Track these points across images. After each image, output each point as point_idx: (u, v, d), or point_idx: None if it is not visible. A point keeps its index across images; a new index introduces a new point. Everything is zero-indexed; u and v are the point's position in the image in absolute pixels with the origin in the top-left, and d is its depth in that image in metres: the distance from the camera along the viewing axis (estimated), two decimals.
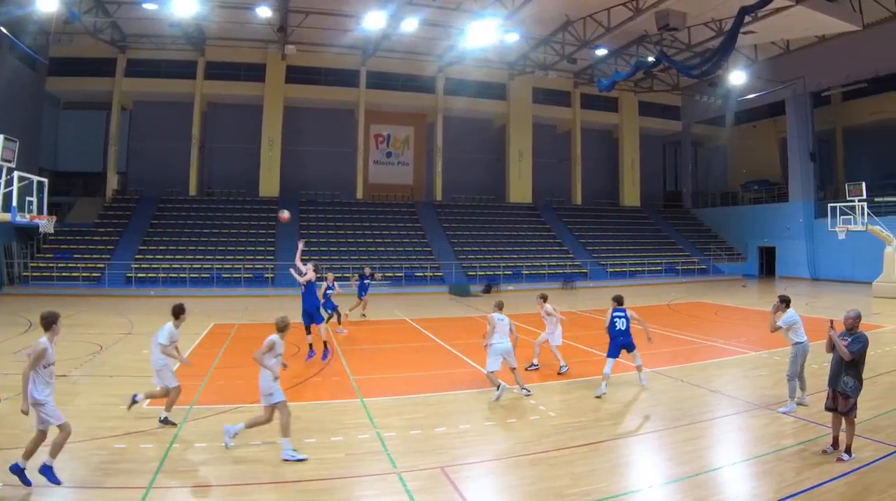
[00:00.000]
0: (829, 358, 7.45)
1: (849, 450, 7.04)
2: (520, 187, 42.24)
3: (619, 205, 45.87)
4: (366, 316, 20.11)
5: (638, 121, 45.96)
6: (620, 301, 10.84)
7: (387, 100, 39.95)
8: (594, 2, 28.80)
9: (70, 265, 28.25)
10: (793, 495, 6.13)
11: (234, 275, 29.65)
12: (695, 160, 49.82)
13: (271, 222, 34.60)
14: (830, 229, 28.34)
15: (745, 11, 24.79)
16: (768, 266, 40.95)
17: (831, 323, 7.39)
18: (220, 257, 30.63)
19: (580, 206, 44.12)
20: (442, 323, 20.25)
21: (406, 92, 40.01)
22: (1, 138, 15.72)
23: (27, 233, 28.53)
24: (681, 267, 38.06)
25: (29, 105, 31.78)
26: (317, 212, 36.50)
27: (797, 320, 9.20)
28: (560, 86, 42.53)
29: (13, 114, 28.40)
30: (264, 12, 29.12)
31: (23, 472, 6.02)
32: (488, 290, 30.73)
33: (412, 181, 42.90)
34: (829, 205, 28.93)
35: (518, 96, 41.80)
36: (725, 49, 27.01)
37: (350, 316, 19.13)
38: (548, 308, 12.43)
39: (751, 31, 29.11)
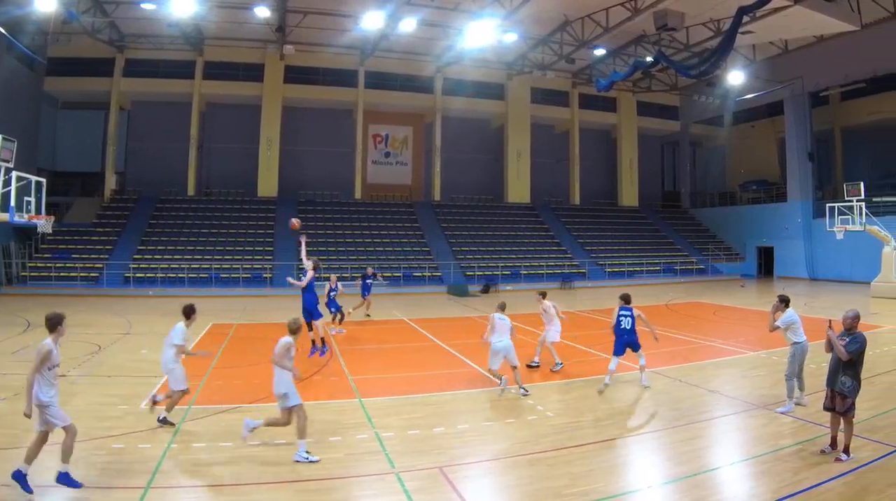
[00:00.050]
0: (828, 357, 7.48)
1: (847, 450, 7.05)
2: (518, 187, 42.25)
3: (617, 205, 45.89)
4: (370, 316, 20.11)
5: (636, 121, 45.95)
6: (627, 299, 10.88)
7: (385, 101, 39.94)
8: (592, 2, 28.82)
9: (68, 265, 28.22)
10: (791, 495, 6.14)
11: (233, 275, 29.63)
12: (693, 160, 49.84)
13: (270, 222, 34.63)
14: (829, 229, 28.39)
15: (743, 11, 24.81)
16: (766, 266, 40.97)
17: (830, 323, 7.42)
18: (219, 257, 30.59)
19: (578, 206, 44.13)
20: (440, 323, 20.25)
21: (404, 92, 40.00)
22: None
23: (25, 233, 28.52)
24: (679, 268, 38.08)
25: (27, 105, 31.75)
26: (315, 212, 36.45)
27: (796, 320, 9.21)
28: (558, 87, 42.53)
29: (11, 114, 28.37)
30: (263, 12, 29.09)
31: (24, 478, 5.87)
32: (487, 290, 30.73)
33: (410, 181, 42.90)
34: (828, 205, 28.98)
35: (516, 96, 41.80)
36: (724, 49, 27.01)
37: (352, 316, 19.13)
38: (546, 304, 12.45)
39: (749, 31, 29.15)
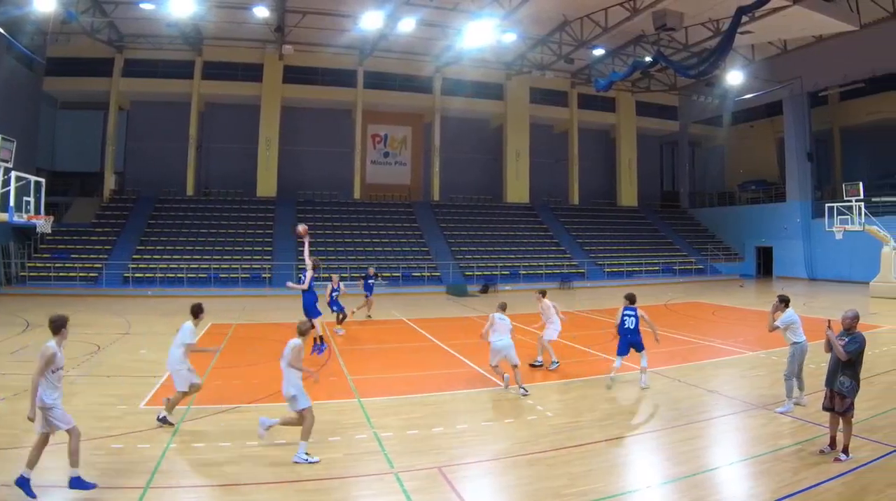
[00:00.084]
0: (827, 357, 7.48)
1: (846, 450, 7.04)
2: (517, 187, 42.25)
3: (616, 205, 45.88)
4: (371, 317, 20.07)
5: (635, 121, 45.97)
6: (632, 299, 10.91)
7: (384, 101, 39.93)
8: (591, 2, 28.83)
9: (67, 265, 28.19)
10: (790, 495, 6.14)
11: (232, 275, 29.62)
12: (692, 160, 49.85)
13: (269, 222, 34.63)
14: (828, 229, 28.39)
15: (742, 11, 24.82)
16: (765, 266, 40.98)
17: (829, 323, 7.42)
18: (218, 257, 30.58)
19: (577, 206, 44.13)
20: (439, 323, 20.25)
21: (403, 92, 39.99)
22: None
23: (24, 233, 28.49)
24: (678, 268, 38.10)
25: (26, 105, 31.71)
26: (314, 212, 36.42)
27: (796, 320, 9.21)
28: (557, 86, 42.53)
29: (10, 114, 28.35)
30: (261, 12, 29.08)
31: (28, 483, 5.82)
32: (485, 290, 30.73)
33: (409, 181, 42.89)
34: (827, 205, 28.99)
35: (515, 96, 41.81)
36: (723, 49, 27.01)
37: (356, 316, 19.15)
38: (546, 303, 12.47)
39: (748, 31, 29.16)
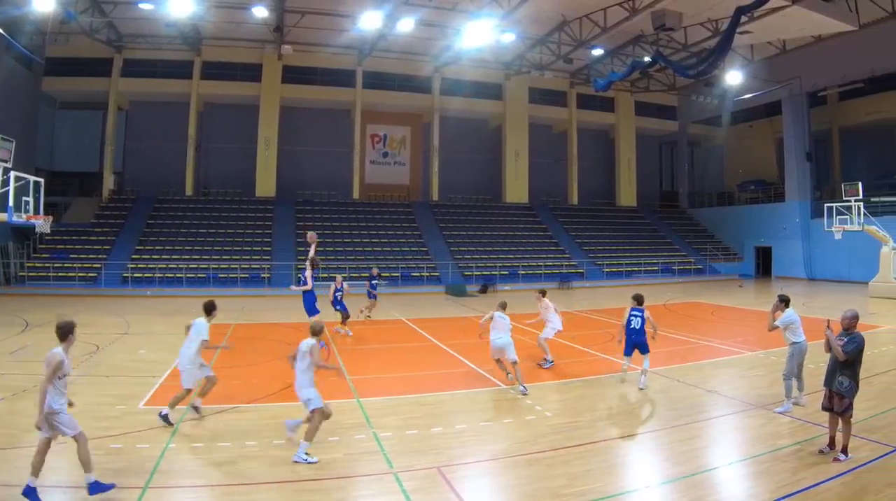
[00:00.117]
0: (826, 357, 7.49)
1: (845, 450, 7.05)
2: (516, 187, 42.26)
3: (615, 205, 45.88)
4: (370, 317, 20.05)
5: (634, 121, 45.97)
6: (640, 300, 10.94)
7: (383, 101, 39.91)
8: (590, 2, 28.84)
9: (66, 265, 28.18)
10: (789, 495, 6.15)
11: (231, 275, 29.62)
12: (691, 160, 49.86)
13: (268, 222, 34.63)
14: (827, 229, 28.42)
15: (741, 11, 24.83)
16: (765, 266, 40.99)
17: (828, 323, 7.43)
18: (217, 257, 30.58)
19: (576, 206, 44.13)
20: (438, 323, 20.25)
21: (402, 92, 39.97)
22: None
23: (23, 233, 28.46)
24: (677, 268, 38.11)
25: (25, 105, 31.69)
26: (313, 212, 36.45)
27: (795, 320, 9.20)
28: (556, 87, 42.54)
29: (9, 114, 28.34)
30: (260, 12, 29.05)
31: (35, 493, 5.76)
32: (484, 290, 30.73)
33: (408, 181, 42.88)
34: (826, 205, 29.02)
35: (514, 96, 41.81)
36: (722, 49, 27.02)
37: (361, 316, 19.27)
38: (545, 302, 12.49)
39: (747, 31, 29.18)
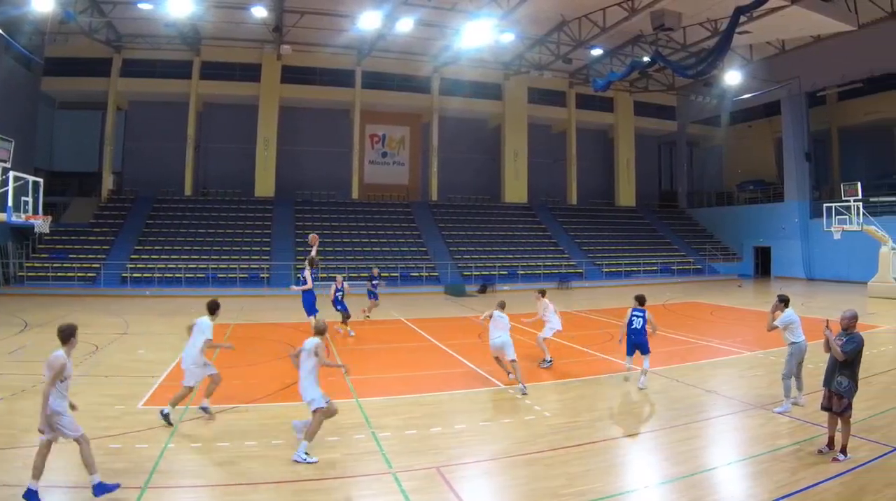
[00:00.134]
0: (825, 357, 7.49)
1: (844, 450, 7.06)
2: (515, 187, 42.26)
3: (614, 205, 45.87)
4: (369, 317, 19.99)
5: (633, 121, 45.97)
6: (642, 301, 10.94)
7: (382, 101, 39.89)
8: (589, 2, 28.83)
9: (65, 265, 28.15)
10: (788, 495, 6.15)
11: (230, 275, 29.59)
12: (690, 160, 49.86)
13: (267, 222, 34.62)
14: (826, 229, 28.40)
15: (740, 11, 24.82)
16: (764, 266, 40.99)
17: (827, 323, 7.43)
18: (216, 257, 30.55)
19: (575, 206, 44.15)
20: (437, 323, 20.24)
21: (401, 92, 39.95)
22: None
23: (23, 233, 28.42)
24: (676, 268, 38.11)
25: (24, 105, 31.64)
26: (312, 212, 36.45)
27: (795, 320, 9.20)
28: (555, 86, 42.53)
29: (9, 114, 28.29)
30: (260, 12, 29.03)
31: (36, 495, 5.75)
32: (484, 290, 30.73)
33: (408, 181, 42.86)
34: (825, 205, 29.01)
35: (513, 96, 41.81)
36: (721, 49, 27.02)
37: (361, 316, 19.33)
38: (544, 302, 12.52)
39: (746, 31, 29.18)
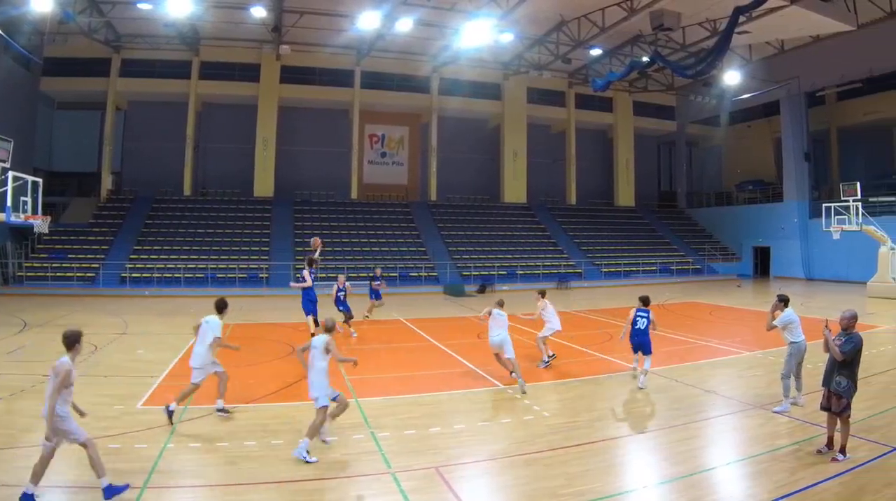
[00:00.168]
0: (825, 357, 7.49)
1: (843, 450, 7.06)
2: (514, 187, 42.26)
3: (613, 204, 45.88)
4: (368, 317, 19.95)
5: (632, 121, 45.98)
6: (646, 302, 11.02)
7: (381, 100, 39.88)
8: (589, 2, 28.83)
9: (64, 265, 28.14)
10: (787, 495, 6.15)
11: (229, 275, 29.58)
12: (689, 160, 49.85)
13: (266, 222, 34.62)
14: (825, 229, 28.38)
15: (739, 11, 24.82)
16: (763, 266, 40.99)
17: (826, 323, 7.43)
18: (215, 257, 30.55)
19: (575, 206, 44.16)
20: (436, 323, 20.24)
21: (401, 92, 39.95)
22: None
23: (22, 233, 28.39)
24: (675, 268, 38.12)
25: (23, 105, 31.63)
26: (311, 212, 36.45)
27: (794, 319, 9.19)
28: (555, 86, 42.52)
29: (8, 114, 28.29)
30: (259, 12, 29.01)
31: (32, 499, 5.72)
32: (483, 290, 30.72)
33: (407, 181, 42.85)
34: (824, 205, 28.99)
35: (513, 96, 41.81)
36: (720, 49, 27.03)
37: (372, 316, 19.50)
38: (543, 303, 12.54)
39: (745, 31, 29.18)
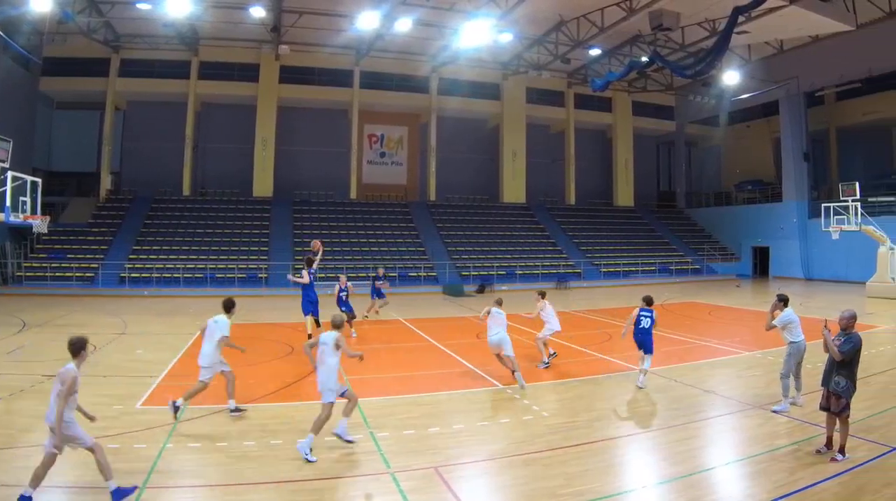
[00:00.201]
0: (824, 357, 7.49)
1: (842, 450, 7.06)
2: (513, 187, 42.26)
3: (612, 205, 45.90)
4: (368, 317, 19.94)
5: (632, 121, 46.00)
6: (650, 301, 11.14)
7: (380, 100, 39.87)
8: (588, 2, 28.84)
9: (64, 265, 28.12)
10: (786, 495, 6.15)
11: (228, 275, 29.56)
12: (688, 160, 49.85)
13: (265, 222, 34.61)
14: (824, 229, 28.40)
15: (738, 11, 24.83)
16: (762, 266, 40.99)
17: (825, 322, 7.43)
18: (214, 257, 30.54)
19: (574, 206, 44.16)
20: (435, 323, 20.23)
21: (400, 92, 39.94)
22: None
23: (21, 233, 28.39)
24: (674, 268, 38.11)
25: (22, 105, 31.59)
26: (310, 212, 36.44)
27: (794, 319, 9.18)
28: (554, 86, 42.54)
29: (7, 114, 28.27)
30: (258, 12, 29.02)
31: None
32: (482, 290, 30.71)
33: (406, 181, 42.84)
34: (823, 205, 29.00)
35: (512, 96, 41.81)
36: (719, 49, 27.04)
37: (379, 315, 19.79)
38: (543, 303, 12.54)
39: (744, 31, 29.18)
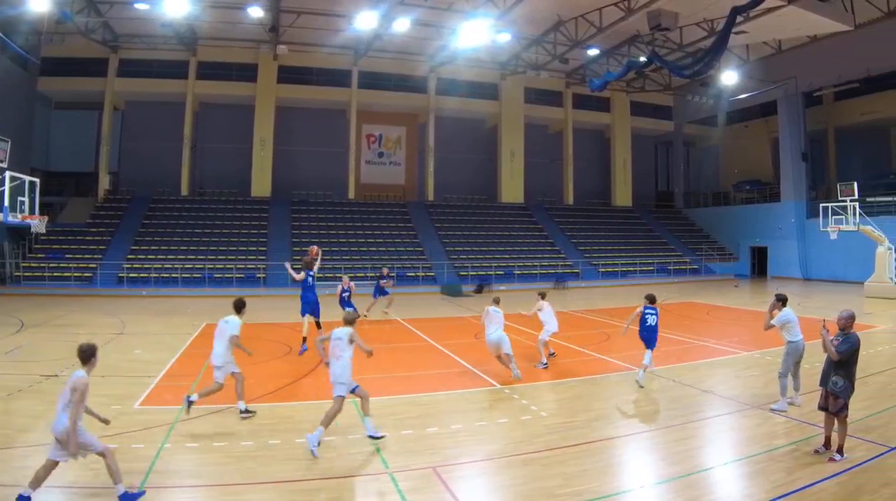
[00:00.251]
0: (823, 357, 7.49)
1: (841, 450, 7.06)
2: (511, 187, 42.27)
3: (610, 205, 45.94)
4: (367, 316, 19.90)
5: (630, 121, 46.03)
6: (653, 299, 11.25)
7: (378, 101, 39.86)
8: (586, 2, 28.82)
9: (62, 265, 28.09)
10: (785, 495, 6.16)
11: (226, 275, 29.55)
12: (686, 160, 49.86)
13: (263, 222, 34.61)
14: (822, 229, 28.44)
15: (736, 11, 24.85)
16: (760, 266, 41.02)
17: (824, 323, 7.44)
18: (212, 257, 30.52)
19: (572, 206, 44.18)
20: (434, 323, 20.23)
21: (398, 92, 39.94)
22: None
23: (19, 233, 28.35)
24: (672, 268, 38.13)
25: (21, 105, 31.50)
26: (308, 212, 36.43)
27: (792, 319, 9.19)
28: (552, 86, 42.55)
29: (5, 114, 28.19)
30: (256, 12, 28.99)
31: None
32: (480, 290, 30.70)
33: (404, 181, 42.84)
34: (821, 205, 29.03)
35: (510, 96, 41.82)
36: (717, 49, 27.06)
37: (388, 315, 19.94)
38: (542, 304, 12.57)
39: (743, 31, 29.18)
